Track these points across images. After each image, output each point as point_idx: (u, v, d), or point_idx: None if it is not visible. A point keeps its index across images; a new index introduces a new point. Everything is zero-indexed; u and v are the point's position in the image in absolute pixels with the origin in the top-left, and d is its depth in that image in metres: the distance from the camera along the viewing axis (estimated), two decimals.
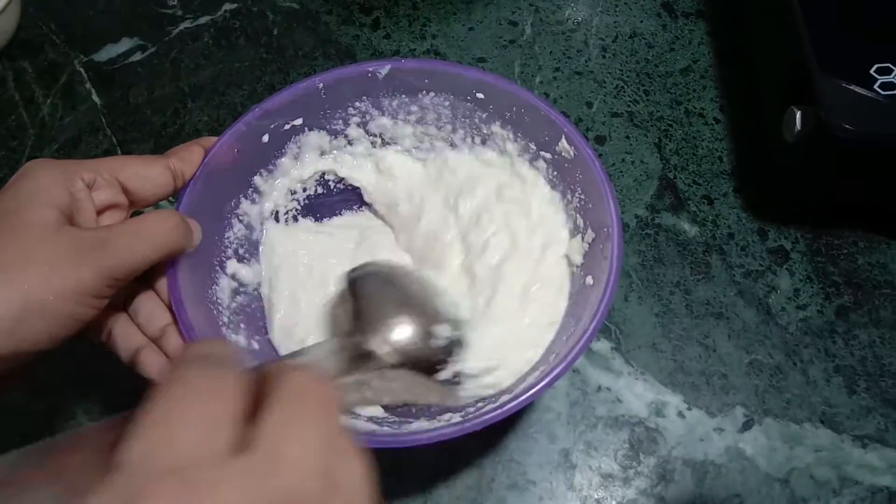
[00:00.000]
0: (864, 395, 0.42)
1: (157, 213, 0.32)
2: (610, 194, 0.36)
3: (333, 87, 0.40)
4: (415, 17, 0.59)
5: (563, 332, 0.36)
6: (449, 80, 0.41)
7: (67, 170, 0.31)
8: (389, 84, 0.41)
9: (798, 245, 0.47)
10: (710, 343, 0.44)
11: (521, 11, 0.59)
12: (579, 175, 0.38)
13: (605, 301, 0.33)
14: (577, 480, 0.40)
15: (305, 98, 0.40)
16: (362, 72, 0.40)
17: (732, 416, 0.41)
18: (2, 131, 0.54)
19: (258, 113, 0.39)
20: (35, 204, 0.29)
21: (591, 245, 0.37)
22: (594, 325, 0.32)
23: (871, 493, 0.39)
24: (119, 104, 0.55)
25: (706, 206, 0.49)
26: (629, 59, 0.56)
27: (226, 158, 0.38)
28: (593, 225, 0.37)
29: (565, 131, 0.38)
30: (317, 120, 0.41)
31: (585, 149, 0.37)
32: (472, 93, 0.41)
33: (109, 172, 0.32)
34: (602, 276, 0.34)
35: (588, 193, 0.38)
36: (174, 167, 0.35)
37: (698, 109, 0.53)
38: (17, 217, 0.28)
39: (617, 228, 0.35)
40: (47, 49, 0.58)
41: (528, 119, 0.40)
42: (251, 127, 0.39)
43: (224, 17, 0.60)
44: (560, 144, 0.38)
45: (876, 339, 0.43)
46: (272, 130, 0.40)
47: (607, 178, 0.36)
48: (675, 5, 0.59)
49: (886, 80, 0.39)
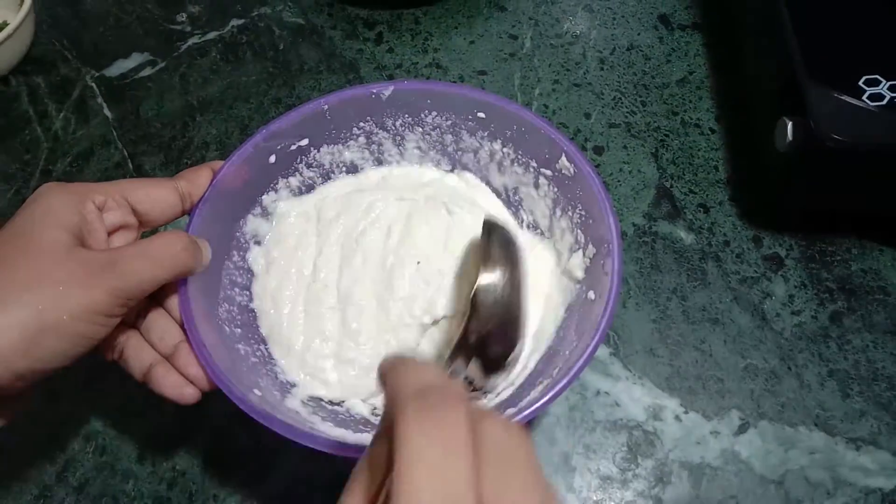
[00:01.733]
0: (857, 399, 0.42)
1: (167, 235, 0.33)
2: (610, 211, 0.36)
3: (338, 109, 0.42)
4: (417, 32, 0.61)
5: (565, 345, 0.37)
6: (450, 100, 0.42)
7: (79, 193, 0.32)
8: (392, 104, 0.42)
9: (792, 252, 0.48)
10: (706, 348, 0.45)
11: (520, 25, 0.61)
12: (579, 192, 0.39)
13: (607, 316, 0.33)
14: (577, 483, 0.40)
15: (311, 119, 0.41)
16: (366, 93, 0.42)
17: (728, 420, 0.42)
18: (16, 145, 0.55)
19: (265, 134, 0.40)
20: (47, 227, 0.30)
21: (593, 260, 0.38)
22: (596, 340, 0.33)
23: (865, 495, 0.40)
24: (130, 118, 0.57)
25: (702, 215, 0.50)
26: (626, 71, 0.58)
27: (234, 180, 0.39)
28: (594, 240, 0.38)
29: (565, 149, 0.39)
30: (321, 140, 0.43)
31: (585, 166, 0.38)
32: (473, 112, 0.42)
33: (120, 194, 0.34)
34: (603, 291, 0.35)
35: (588, 210, 0.38)
36: (182, 189, 0.36)
37: (694, 120, 0.55)
38: (30, 239, 0.29)
39: (617, 244, 0.35)
40: (60, 65, 0.60)
41: (529, 137, 0.41)
42: (258, 149, 0.40)
43: (231, 32, 0.62)
44: (560, 162, 0.39)
45: (869, 344, 0.44)
46: (279, 151, 0.41)
47: (607, 195, 0.37)
48: (672, 18, 0.61)
49: (875, 91, 0.41)
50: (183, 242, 0.33)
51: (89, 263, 0.29)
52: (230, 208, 0.40)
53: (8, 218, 0.31)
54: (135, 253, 0.31)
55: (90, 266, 0.29)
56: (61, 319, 0.28)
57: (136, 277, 0.30)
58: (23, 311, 0.27)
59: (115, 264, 0.30)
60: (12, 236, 0.30)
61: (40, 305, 0.28)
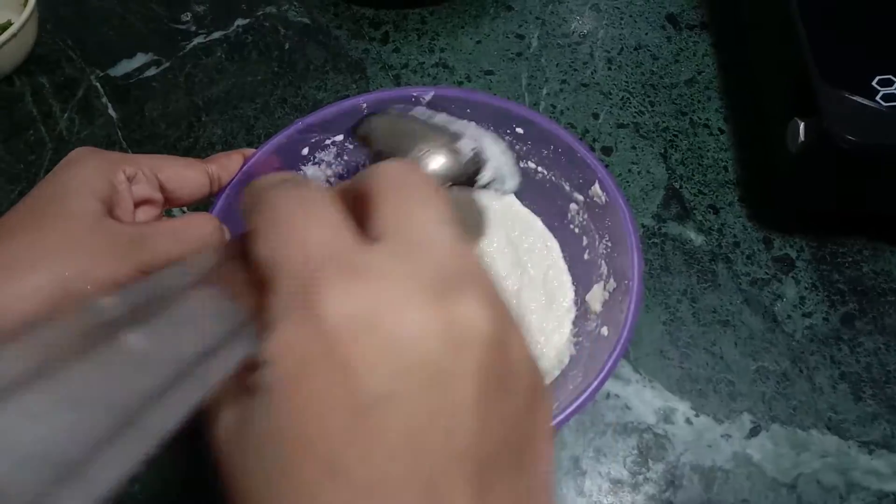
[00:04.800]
0: (869, 402, 0.42)
1: (197, 217, 0.33)
2: (636, 247, 0.36)
3: (376, 108, 0.41)
4: (423, 32, 0.60)
5: (573, 375, 0.36)
6: (491, 111, 0.41)
7: (112, 160, 0.32)
8: (431, 110, 0.42)
9: (803, 253, 0.48)
10: (717, 350, 0.44)
11: (527, 25, 0.60)
12: (608, 222, 0.38)
13: (616, 354, 0.33)
14: (587, 486, 0.40)
15: (348, 116, 0.40)
16: (406, 95, 0.41)
17: (740, 423, 0.42)
18: (20, 145, 0.55)
19: (300, 126, 0.39)
20: (79, 193, 0.30)
21: (612, 295, 0.37)
22: (599, 380, 0.32)
23: (878, 499, 0.39)
24: (134, 118, 0.56)
25: (712, 216, 0.50)
26: (634, 71, 0.57)
27: (264, 168, 0.39)
28: (616, 274, 0.37)
29: (599, 176, 0.38)
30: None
31: (618, 198, 0.37)
32: (511, 127, 0.41)
33: (150, 169, 0.33)
34: (615, 330, 0.34)
35: (615, 242, 0.38)
36: (212, 172, 0.35)
37: (703, 120, 0.54)
38: (62, 205, 0.29)
39: (637, 284, 0.34)
40: (64, 65, 0.60)
41: (564, 159, 0.40)
42: (292, 139, 0.39)
43: (236, 32, 0.61)
44: (593, 189, 0.39)
45: (881, 346, 0.44)
46: (312, 144, 0.41)
47: (635, 229, 0.36)
48: (680, 18, 0.60)
49: (888, 91, 0.40)
50: (213, 225, 0.33)
51: (119, 236, 0.29)
52: None
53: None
54: (164, 231, 0.31)
55: (119, 239, 0.29)
56: (85, 289, 0.28)
57: (163, 255, 0.30)
58: (49, 276, 0.27)
59: (145, 240, 0.30)
60: (43, 200, 0.30)
61: (67, 272, 0.27)
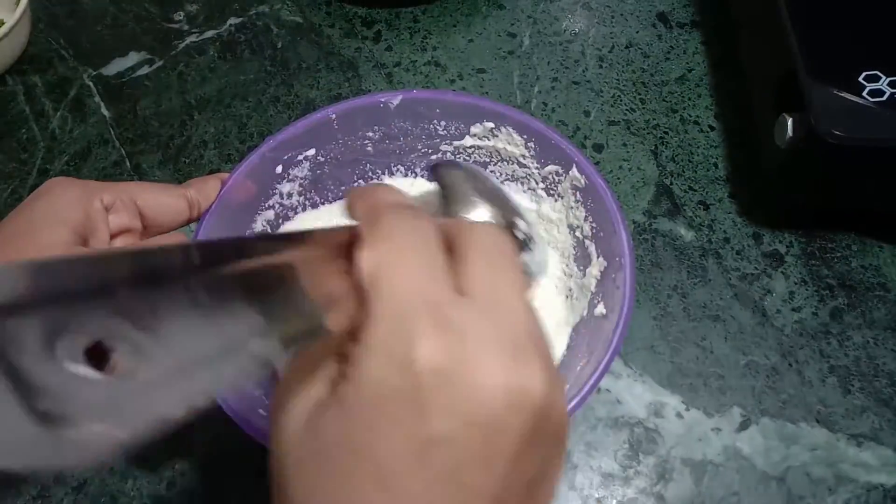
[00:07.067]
0: (858, 395, 0.42)
1: (168, 239, 0.33)
2: (622, 224, 0.36)
3: (346, 118, 0.41)
4: (416, 30, 0.60)
5: (575, 361, 0.36)
6: (459, 109, 0.41)
7: (88, 189, 0.32)
8: (401, 114, 0.42)
9: (792, 249, 0.48)
10: (707, 345, 0.45)
11: (519, 23, 0.61)
12: (591, 204, 0.39)
13: (619, 332, 0.33)
14: (579, 480, 0.40)
15: (318, 129, 0.41)
16: (374, 102, 0.41)
17: (730, 417, 0.42)
18: (13, 144, 0.55)
19: (272, 144, 0.40)
20: (49, 224, 0.30)
21: (603, 274, 0.37)
22: (609, 356, 0.32)
23: (867, 491, 0.40)
24: (127, 117, 0.56)
25: (702, 212, 0.50)
26: (625, 69, 0.58)
27: (241, 191, 0.39)
28: (605, 254, 0.37)
29: (576, 160, 0.38)
30: (328, 149, 0.43)
31: (597, 178, 0.37)
32: (482, 121, 0.42)
33: (129, 197, 0.33)
34: (615, 305, 0.35)
35: (600, 223, 0.38)
36: (191, 197, 0.35)
37: (693, 117, 0.55)
38: (31, 237, 0.29)
39: (629, 259, 0.35)
40: (56, 63, 0.60)
41: (539, 148, 0.41)
42: (265, 159, 0.40)
43: (229, 31, 0.61)
44: (571, 173, 0.39)
45: (870, 340, 0.44)
46: (285, 161, 0.41)
47: (619, 207, 0.36)
48: (670, 16, 0.61)
49: (875, 87, 0.41)
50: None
51: None
52: (238, 218, 0.40)
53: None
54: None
55: None
56: None
57: None
58: None
59: None
60: (13, 233, 0.30)
61: None
